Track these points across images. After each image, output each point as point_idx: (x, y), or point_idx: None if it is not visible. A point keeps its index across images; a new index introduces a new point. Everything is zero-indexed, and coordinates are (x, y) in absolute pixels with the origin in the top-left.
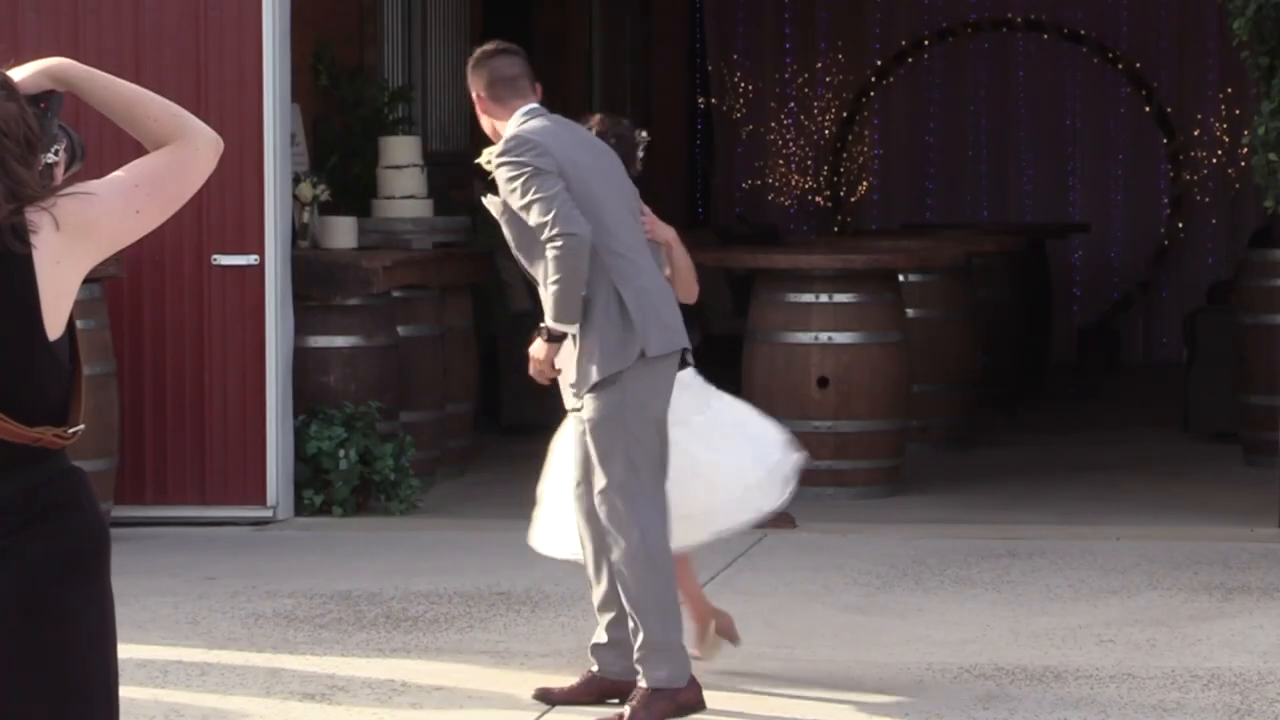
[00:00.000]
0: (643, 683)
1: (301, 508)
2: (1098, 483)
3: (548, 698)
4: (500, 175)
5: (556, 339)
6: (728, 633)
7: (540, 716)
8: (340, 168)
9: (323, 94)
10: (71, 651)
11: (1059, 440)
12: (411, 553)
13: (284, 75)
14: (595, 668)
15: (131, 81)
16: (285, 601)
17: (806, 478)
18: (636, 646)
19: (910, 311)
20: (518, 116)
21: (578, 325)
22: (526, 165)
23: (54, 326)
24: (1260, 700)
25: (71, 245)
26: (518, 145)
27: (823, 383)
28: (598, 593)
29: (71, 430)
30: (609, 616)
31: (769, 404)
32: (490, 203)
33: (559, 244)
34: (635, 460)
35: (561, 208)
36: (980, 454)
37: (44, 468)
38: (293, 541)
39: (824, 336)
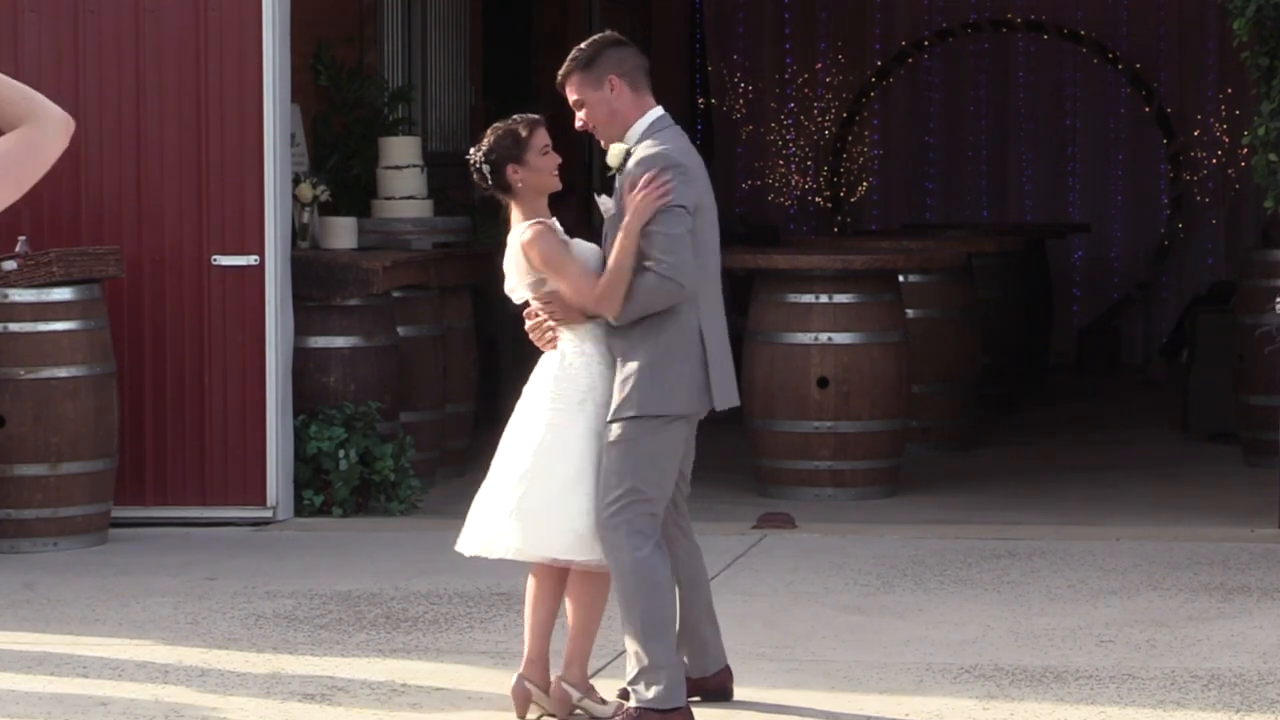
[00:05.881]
0: (631, 702)
1: (301, 508)
2: (1098, 483)
3: (630, 696)
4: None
5: (588, 320)
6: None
7: (540, 717)
8: (340, 168)
9: (323, 94)
10: None
11: (1059, 440)
12: (411, 553)
13: (284, 75)
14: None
15: (132, 82)
16: (285, 602)
17: (806, 478)
18: (635, 665)
19: (910, 311)
20: (651, 119)
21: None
22: (677, 196)
23: None
24: (1260, 700)
25: None
26: (670, 168)
27: (823, 383)
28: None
29: None
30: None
31: (769, 404)
32: (605, 205)
33: (660, 282)
34: (638, 487)
35: (684, 252)
36: (980, 454)
37: None
38: (293, 542)
39: (824, 336)
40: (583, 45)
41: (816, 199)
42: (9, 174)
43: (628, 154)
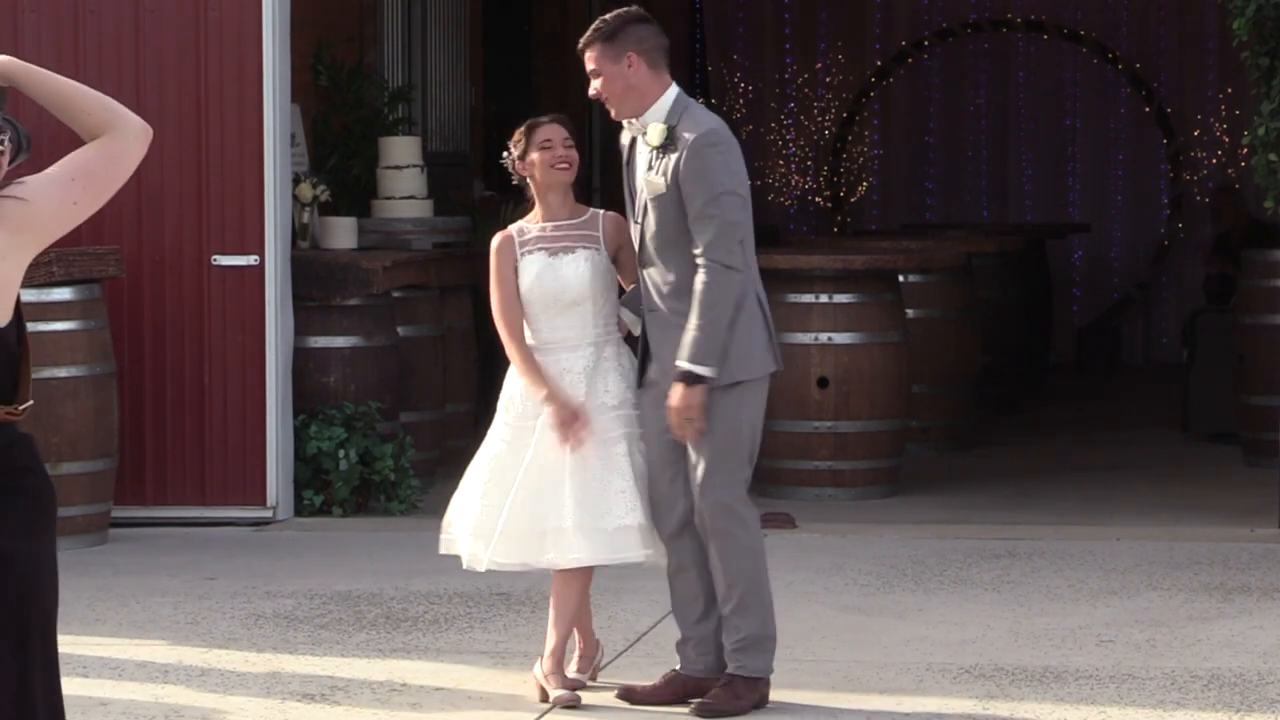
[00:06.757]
0: (738, 671)
1: (301, 508)
2: (1098, 483)
3: (631, 696)
4: (697, 165)
5: (698, 382)
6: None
7: (540, 717)
8: (340, 168)
9: (323, 94)
10: (39, 599)
11: (1059, 440)
12: (411, 553)
13: (284, 75)
14: (678, 665)
15: (132, 82)
16: (285, 601)
17: (806, 478)
18: (737, 637)
19: (910, 311)
20: (675, 96)
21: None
22: (731, 177)
23: (3, 314)
24: (1260, 700)
25: (14, 241)
26: (728, 146)
27: (823, 383)
28: (674, 589)
29: (22, 407)
30: (692, 614)
31: (769, 404)
32: (654, 183)
33: (726, 276)
34: (744, 459)
35: (744, 241)
36: (980, 454)
37: (2, 438)
38: (293, 542)
39: (824, 336)
40: (607, 17)
41: (816, 199)
42: (92, 183)
43: (670, 131)
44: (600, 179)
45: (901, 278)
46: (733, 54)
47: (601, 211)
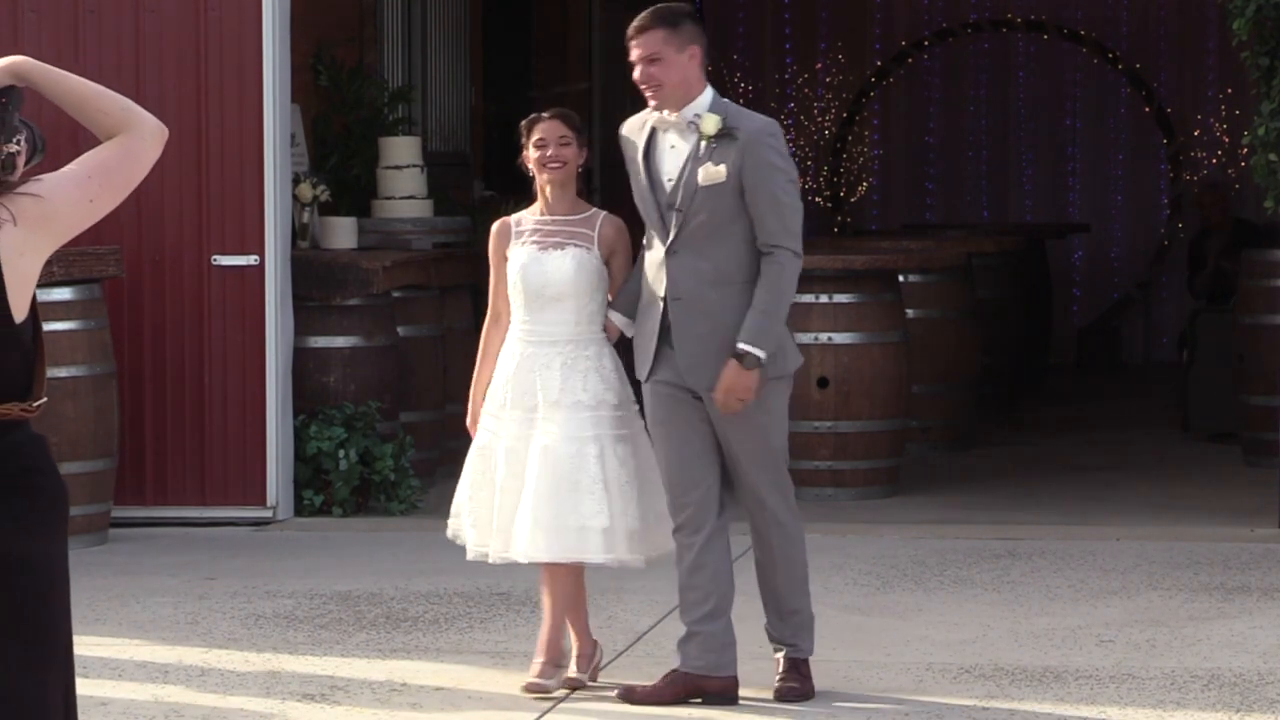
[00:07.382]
0: (800, 655)
1: (301, 508)
2: (1098, 483)
3: (631, 696)
4: (766, 156)
5: (755, 366)
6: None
7: (540, 717)
8: (340, 168)
9: (323, 94)
10: (46, 600)
11: (1059, 440)
12: (411, 553)
13: (284, 75)
14: (679, 664)
15: (132, 82)
16: (285, 601)
17: (806, 478)
18: (798, 621)
19: (910, 311)
20: (712, 93)
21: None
22: (792, 168)
23: (19, 311)
24: (1260, 700)
25: (31, 238)
26: (782, 139)
27: (823, 383)
28: (689, 585)
29: (36, 403)
30: (701, 610)
31: None
32: (713, 173)
33: (795, 262)
34: (787, 448)
35: (799, 224)
36: (980, 454)
37: (13, 436)
38: (293, 541)
39: (824, 336)
40: (661, 6)
41: (816, 199)
42: (109, 181)
43: (723, 124)
44: (600, 179)
45: (901, 278)
46: (733, 54)
47: (603, 214)
